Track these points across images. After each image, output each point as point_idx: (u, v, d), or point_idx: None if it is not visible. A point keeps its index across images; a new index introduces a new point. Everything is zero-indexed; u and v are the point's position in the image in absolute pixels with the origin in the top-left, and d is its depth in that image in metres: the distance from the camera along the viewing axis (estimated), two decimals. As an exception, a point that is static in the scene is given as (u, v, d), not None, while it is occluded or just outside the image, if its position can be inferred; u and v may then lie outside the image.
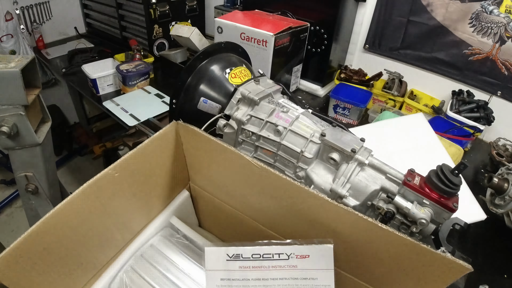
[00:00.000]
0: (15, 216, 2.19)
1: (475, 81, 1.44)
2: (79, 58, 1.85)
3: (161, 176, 0.72)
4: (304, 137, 0.71)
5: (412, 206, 0.61)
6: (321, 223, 0.56)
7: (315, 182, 0.70)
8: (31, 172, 1.05)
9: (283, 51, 1.40)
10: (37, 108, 1.04)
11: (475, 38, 1.38)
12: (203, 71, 0.84)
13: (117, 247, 0.69)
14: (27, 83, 0.92)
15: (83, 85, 1.64)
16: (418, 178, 0.65)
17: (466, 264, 0.44)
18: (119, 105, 1.47)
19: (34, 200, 1.11)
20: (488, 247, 0.98)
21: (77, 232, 0.57)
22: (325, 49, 1.53)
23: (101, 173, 0.57)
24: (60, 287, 0.59)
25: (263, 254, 0.52)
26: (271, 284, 0.51)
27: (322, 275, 0.50)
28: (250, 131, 0.76)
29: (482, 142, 1.43)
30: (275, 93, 0.81)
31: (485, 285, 0.84)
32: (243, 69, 0.87)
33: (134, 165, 0.63)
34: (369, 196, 0.67)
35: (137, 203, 0.69)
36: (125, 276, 0.68)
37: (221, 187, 0.74)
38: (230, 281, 0.52)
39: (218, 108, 0.82)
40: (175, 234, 0.76)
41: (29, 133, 0.97)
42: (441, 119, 1.34)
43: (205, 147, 0.66)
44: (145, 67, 1.58)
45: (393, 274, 0.54)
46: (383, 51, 1.62)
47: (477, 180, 1.22)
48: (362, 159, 0.67)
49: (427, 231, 0.64)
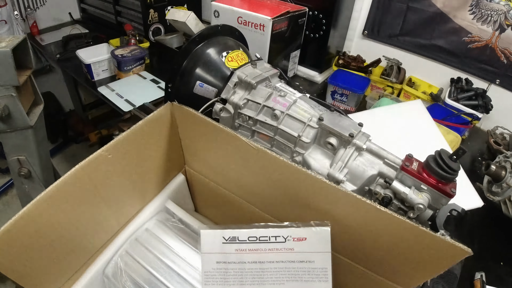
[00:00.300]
0: (11, 204, 2.18)
1: (474, 69, 1.43)
2: (74, 43, 1.82)
3: (156, 159, 0.71)
4: (302, 121, 0.70)
5: (409, 191, 0.61)
6: (318, 205, 0.56)
7: (312, 167, 0.69)
8: (23, 155, 1.04)
9: (280, 36, 1.37)
10: (29, 90, 1.02)
11: (475, 25, 1.36)
12: (199, 55, 0.83)
13: (112, 231, 0.68)
14: (19, 64, 0.90)
15: (77, 71, 1.62)
16: (416, 164, 0.64)
17: (466, 247, 0.44)
18: (114, 91, 1.45)
19: (27, 184, 1.10)
20: (484, 235, 0.99)
21: (70, 215, 0.56)
22: (323, 35, 1.51)
23: (93, 154, 0.56)
24: (53, 272, 0.58)
25: (260, 237, 0.51)
26: (268, 267, 0.51)
27: (319, 257, 0.50)
28: (247, 116, 0.75)
29: (480, 130, 1.43)
30: (272, 77, 0.80)
31: (481, 272, 0.85)
32: (240, 52, 0.86)
33: (128, 147, 0.61)
34: (367, 181, 0.66)
35: (131, 186, 0.67)
36: (120, 260, 0.67)
37: (217, 170, 0.73)
38: (226, 264, 0.52)
39: (214, 92, 0.81)
40: (170, 218, 0.75)
41: (21, 115, 0.95)
42: (439, 107, 1.33)
43: (200, 129, 0.65)
44: (140, 52, 1.56)
45: (391, 257, 0.53)
46: (382, 38, 1.60)
47: (474, 168, 1.22)
48: (360, 144, 0.66)
49: (424, 216, 0.64)
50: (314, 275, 0.50)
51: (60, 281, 0.61)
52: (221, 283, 0.52)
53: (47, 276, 0.57)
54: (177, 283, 0.64)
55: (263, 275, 0.51)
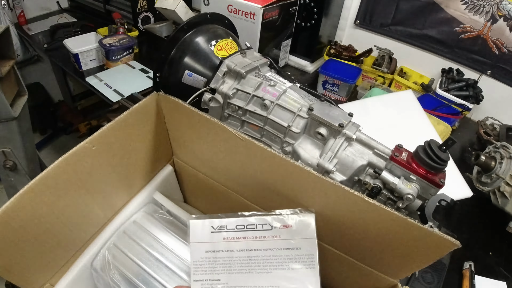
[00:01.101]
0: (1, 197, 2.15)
1: (465, 59, 1.43)
2: (62, 33, 1.78)
3: (142, 150, 0.69)
4: (292, 111, 0.70)
5: (399, 182, 0.61)
6: (306, 196, 0.56)
7: (302, 157, 0.69)
8: (8, 147, 1.02)
9: (271, 25, 1.36)
10: (12, 80, 1.00)
11: (467, 16, 1.36)
12: (187, 43, 0.81)
13: (98, 224, 0.67)
14: (1, 54, 0.88)
15: (65, 61, 1.58)
16: (406, 154, 0.64)
17: (454, 240, 0.44)
18: (102, 81, 1.42)
19: (13, 177, 1.08)
20: (473, 225, 1.00)
21: (54, 209, 0.55)
22: (315, 24, 1.49)
23: (76, 146, 0.54)
24: (40, 265, 0.57)
25: (247, 225, 0.52)
26: (255, 255, 0.51)
27: (305, 244, 0.50)
28: (236, 105, 0.74)
29: (470, 121, 1.44)
30: (262, 67, 0.79)
31: (470, 261, 0.86)
32: (230, 41, 0.85)
33: (113, 138, 0.60)
34: (356, 171, 0.66)
35: (118, 178, 0.66)
36: (108, 253, 0.66)
37: (205, 161, 0.72)
38: (215, 252, 0.52)
39: (203, 81, 0.79)
40: (158, 210, 0.74)
41: (4, 106, 0.93)
42: (430, 97, 1.34)
43: (187, 119, 0.64)
44: (129, 41, 1.53)
45: (380, 248, 0.53)
46: (374, 27, 1.59)
47: (464, 158, 1.23)
48: (350, 134, 0.66)
49: (414, 206, 0.64)
50: (301, 262, 0.50)
51: (47, 274, 0.60)
52: (209, 272, 0.51)
53: (34, 270, 0.57)
54: (165, 275, 0.63)
55: (250, 263, 0.51)
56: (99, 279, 0.65)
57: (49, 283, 0.60)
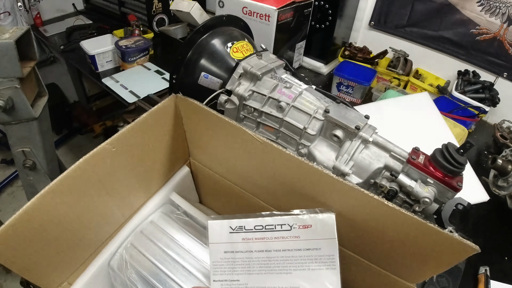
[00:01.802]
0: (17, 196, 2.20)
1: (481, 61, 1.41)
2: (78, 34, 1.81)
3: (160, 152, 0.70)
4: (307, 113, 0.70)
5: (415, 185, 0.60)
6: (324, 199, 0.55)
7: (318, 159, 0.69)
8: (28, 147, 1.04)
9: (286, 27, 1.36)
10: (33, 81, 1.02)
11: (483, 17, 1.34)
12: (203, 45, 0.82)
13: (116, 224, 0.69)
14: (22, 55, 0.90)
15: (82, 62, 1.61)
16: (423, 157, 0.63)
17: (473, 245, 0.43)
18: (118, 82, 1.44)
19: (32, 176, 1.10)
20: (489, 229, 0.98)
21: (74, 209, 0.56)
22: (329, 25, 1.49)
23: (97, 147, 0.55)
24: (59, 265, 0.58)
25: (266, 225, 0.51)
26: (275, 256, 0.51)
27: (325, 244, 0.50)
28: (252, 107, 0.74)
29: (487, 123, 1.42)
30: (277, 68, 0.79)
31: (485, 266, 0.84)
32: (245, 43, 0.85)
33: (132, 140, 0.61)
34: (372, 174, 0.66)
35: (136, 178, 0.67)
36: (125, 253, 0.67)
37: (222, 162, 0.72)
38: (234, 253, 0.52)
39: (219, 83, 0.80)
40: (175, 210, 0.75)
41: (25, 106, 0.95)
42: (446, 99, 1.32)
43: (205, 121, 0.64)
44: (144, 43, 1.54)
45: (397, 252, 0.53)
46: (389, 29, 1.58)
47: (480, 161, 1.21)
48: (366, 137, 0.65)
49: (430, 210, 0.63)
50: (321, 263, 0.50)
51: (65, 273, 0.61)
52: (229, 272, 0.52)
53: (52, 269, 0.58)
54: (182, 275, 0.64)
55: (270, 264, 0.51)
56: (116, 278, 0.66)
57: (67, 282, 0.61)
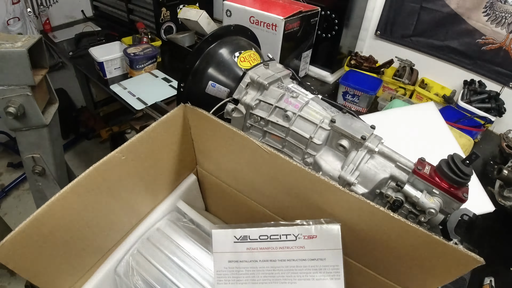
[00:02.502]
0: (23, 199, 2.21)
1: (487, 71, 1.41)
2: (86, 41, 1.84)
3: (168, 160, 0.71)
4: (314, 123, 0.70)
5: (421, 195, 0.61)
6: (330, 210, 0.56)
7: (324, 168, 0.69)
8: (38, 154, 1.05)
9: (292, 36, 1.37)
10: (44, 89, 1.03)
11: (489, 27, 1.34)
12: (211, 55, 0.83)
13: (124, 231, 0.69)
14: (34, 63, 0.92)
15: (90, 69, 1.63)
16: (429, 167, 0.64)
17: (478, 257, 0.44)
18: (126, 89, 1.46)
19: (41, 182, 1.11)
20: (494, 239, 0.97)
21: (83, 215, 0.57)
22: (335, 35, 1.50)
23: (107, 156, 0.56)
24: (66, 270, 0.59)
25: (271, 235, 0.52)
26: (279, 266, 0.51)
27: (330, 255, 0.50)
28: (259, 116, 0.75)
29: (492, 133, 1.41)
30: (284, 78, 0.80)
31: (490, 277, 0.84)
32: (253, 53, 0.86)
33: (141, 148, 0.62)
34: (378, 184, 0.66)
35: (144, 186, 0.68)
36: (132, 260, 0.68)
37: (229, 172, 0.73)
38: (238, 262, 0.52)
39: (226, 92, 0.81)
40: (181, 218, 0.76)
41: (36, 114, 0.96)
42: (451, 109, 1.32)
43: (213, 131, 0.65)
44: (152, 51, 1.56)
45: (402, 263, 0.53)
46: (395, 38, 1.59)
47: (486, 171, 1.20)
48: (372, 147, 0.66)
49: (436, 221, 0.63)
50: (325, 273, 0.50)
51: (72, 279, 0.61)
52: (233, 282, 0.52)
53: (59, 275, 0.58)
54: (188, 283, 0.64)
55: (274, 274, 0.51)
56: (122, 285, 0.67)
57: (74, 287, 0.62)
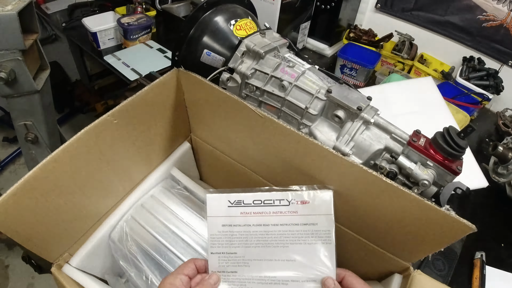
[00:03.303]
0: (19, 173, 2.21)
1: (487, 48, 1.40)
2: (80, 12, 1.79)
3: (162, 126, 0.70)
4: (310, 93, 0.69)
5: (415, 167, 0.61)
6: (323, 176, 0.56)
7: (319, 139, 0.69)
8: (30, 120, 1.04)
9: (290, 7, 1.34)
10: (35, 54, 1.01)
11: (490, 4, 1.32)
12: (206, 22, 0.81)
13: (118, 197, 0.69)
14: (25, 28, 0.89)
15: (83, 40, 1.60)
16: (423, 140, 0.63)
17: (470, 223, 0.44)
18: (120, 60, 1.44)
19: (34, 149, 1.11)
20: (487, 215, 0.99)
21: (76, 179, 0.56)
22: (334, 7, 1.47)
23: (99, 119, 0.55)
24: (60, 235, 0.59)
25: (264, 200, 0.52)
26: (272, 230, 0.52)
27: (322, 220, 0.51)
28: (254, 86, 0.74)
29: (489, 111, 1.41)
30: (281, 47, 0.79)
31: (481, 251, 0.85)
32: (249, 21, 0.84)
33: (133, 112, 0.61)
34: (373, 155, 0.66)
35: (137, 152, 0.68)
36: (125, 225, 0.68)
37: (223, 138, 0.72)
38: (232, 226, 0.53)
39: (222, 61, 0.79)
40: (175, 185, 0.76)
41: (27, 79, 0.95)
42: (449, 85, 1.31)
43: (207, 96, 0.64)
44: (146, 21, 1.53)
45: (394, 230, 0.53)
46: (395, 12, 1.56)
47: (481, 148, 1.21)
48: (368, 118, 0.65)
49: (429, 193, 0.64)
50: (317, 237, 0.51)
51: (66, 244, 0.62)
52: (226, 245, 0.53)
53: (53, 240, 0.58)
54: (181, 248, 0.65)
55: (267, 238, 0.52)
56: (117, 250, 0.67)
57: (68, 253, 0.62)
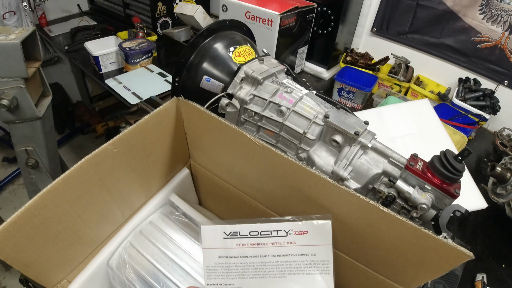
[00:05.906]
0: (18, 193, 2.21)
1: (482, 69, 1.42)
2: (82, 35, 1.83)
3: (161, 153, 0.71)
4: (307, 118, 0.70)
5: (413, 191, 0.61)
6: (321, 204, 0.56)
7: (317, 164, 0.69)
8: (31, 146, 1.05)
9: (288, 32, 1.37)
10: (38, 81, 1.03)
11: (485, 25, 1.35)
12: (206, 49, 0.83)
13: (116, 223, 0.69)
14: (28, 55, 0.91)
15: (85, 63, 1.63)
16: (421, 163, 0.64)
17: (467, 251, 0.44)
18: (121, 83, 1.46)
19: (35, 174, 1.11)
20: (487, 236, 0.98)
21: (75, 207, 0.57)
22: (331, 31, 1.50)
23: (99, 148, 0.56)
24: (58, 262, 0.59)
25: (261, 231, 0.52)
26: (269, 261, 0.51)
27: (320, 250, 0.50)
28: (253, 111, 0.75)
29: (487, 131, 1.42)
30: (279, 73, 0.80)
31: (482, 273, 0.85)
32: (247, 48, 0.86)
33: (134, 141, 0.62)
34: (371, 179, 0.66)
35: (137, 179, 0.68)
36: (124, 252, 0.68)
37: (222, 165, 0.73)
38: (228, 258, 0.52)
39: (221, 87, 0.81)
40: (174, 211, 0.76)
41: (29, 106, 0.96)
42: (446, 106, 1.33)
43: (206, 124, 0.65)
44: (148, 45, 1.56)
45: (393, 257, 0.53)
46: (391, 35, 1.59)
47: (479, 169, 1.21)
48: (365, 142, 0.66)
49: (428, 216, 0.64)
50: (315, 268, 0.50)
51: (65, 271, 0.61)
52: (223, 277, 0.52)
53: (52, 266, 0.58)
54: (179, 275, 0.64)
55: (264, 269, 0.51)
56: (115, 277, 0.67)
57: (66, 280, 0.62)
